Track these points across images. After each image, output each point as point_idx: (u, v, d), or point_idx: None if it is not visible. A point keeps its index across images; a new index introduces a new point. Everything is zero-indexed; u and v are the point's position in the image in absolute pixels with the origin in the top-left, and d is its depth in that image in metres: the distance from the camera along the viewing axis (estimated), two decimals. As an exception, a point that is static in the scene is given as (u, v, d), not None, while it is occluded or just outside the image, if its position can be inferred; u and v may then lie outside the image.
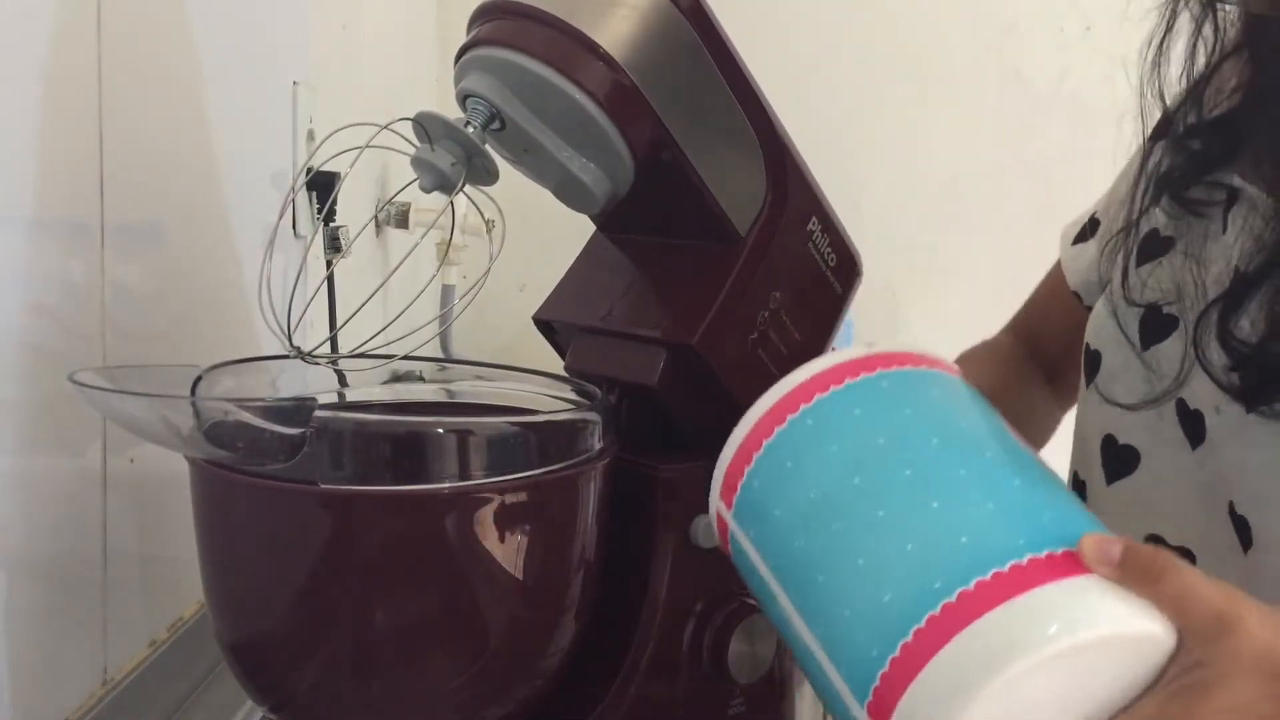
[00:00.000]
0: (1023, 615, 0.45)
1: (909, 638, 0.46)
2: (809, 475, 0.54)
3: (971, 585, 0.46)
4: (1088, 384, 0.76)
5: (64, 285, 0.71)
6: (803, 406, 0.55)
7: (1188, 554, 0.68)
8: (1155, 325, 0.71)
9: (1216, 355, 0.65)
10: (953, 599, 0.46)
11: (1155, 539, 0.69)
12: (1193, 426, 0.67)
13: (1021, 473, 0.51)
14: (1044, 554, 0.46)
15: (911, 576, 0.47)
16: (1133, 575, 0.46)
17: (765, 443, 0.56)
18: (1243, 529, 0.65)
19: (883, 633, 0.47)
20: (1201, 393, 0.67)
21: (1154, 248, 0.74)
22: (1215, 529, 0.66)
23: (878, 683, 0.46)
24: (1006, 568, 0.46)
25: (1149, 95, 0.83)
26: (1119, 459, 0.73)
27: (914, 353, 0.57)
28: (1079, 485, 0.77)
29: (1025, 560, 0.46)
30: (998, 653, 0.44)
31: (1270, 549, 0.64)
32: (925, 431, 0.53)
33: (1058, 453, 0.80)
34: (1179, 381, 0.68)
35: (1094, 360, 0.76)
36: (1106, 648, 0.46)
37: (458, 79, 0.71)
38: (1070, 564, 0.46)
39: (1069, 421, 0.86)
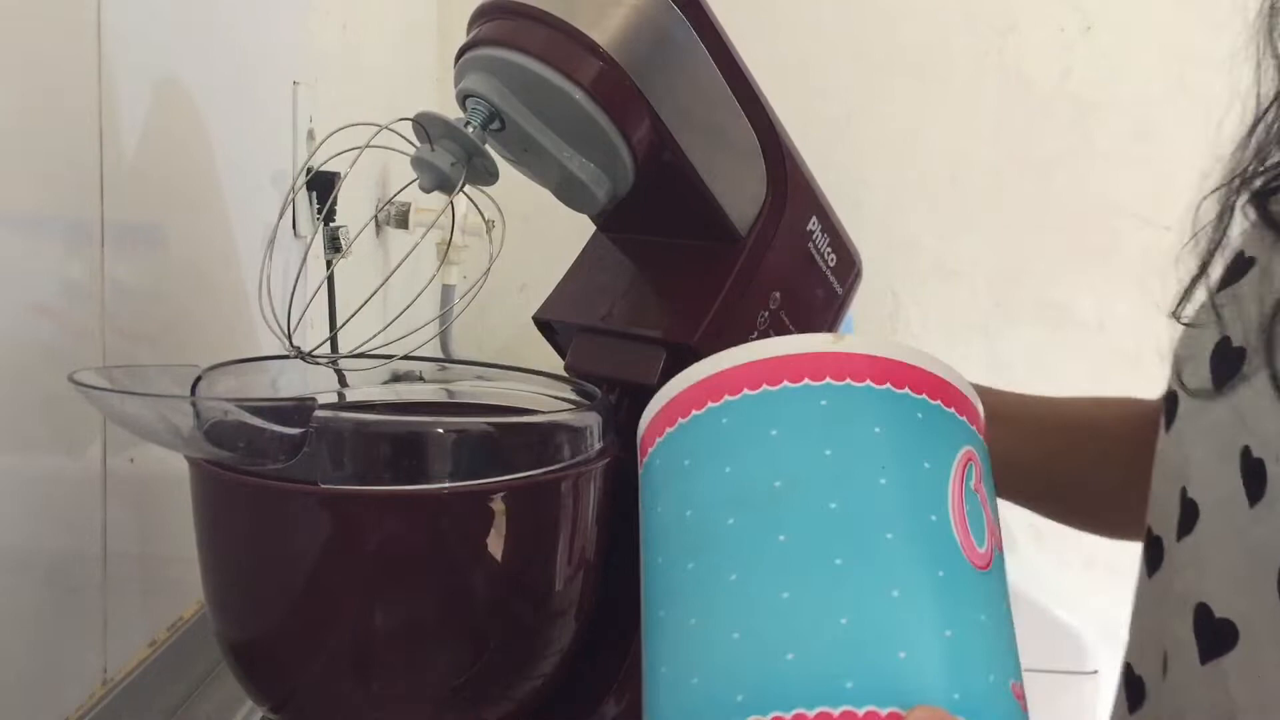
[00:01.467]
0: None
1: None
2: (694, 488, 0.47)
3: (767, 718, 0.40)
4: (1167, 429, 0.65)
5: (64, 285, 0.71)
6: (726, 398, 0.48)
7: (1232, 629, 0.57)
8: (1227, 359, 0.60)
9: None
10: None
11: (1204, 609, 0.59)
12: (1253, 477, 0.57)
13: (913, 578, 0.42)
14: (864, 710, 0.39)
15: (722, 674, 0.41)
16: None
17: (679, 421, 0.49)
18: None
19: (678, 716, 0.42)
20: (1269, 433, 0.56)
21: (1238, 268, 0.63)
22: (1260, 603, 0.56)
23: None
24: (813, 714, 0.39)
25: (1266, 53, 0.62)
26: (1186, 513, 0.62)
27: (894, 359, 0.48)
28: (1155, 544, 0.66)
29: (839, 712, 0.39)
30: None
31: None
32: (828, 488, 0.44)
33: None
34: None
35: (1171, 402, 0.65)
36: None
37: (457, 79, 0.71)
38: None
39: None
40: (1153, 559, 0.65)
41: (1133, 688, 0.68)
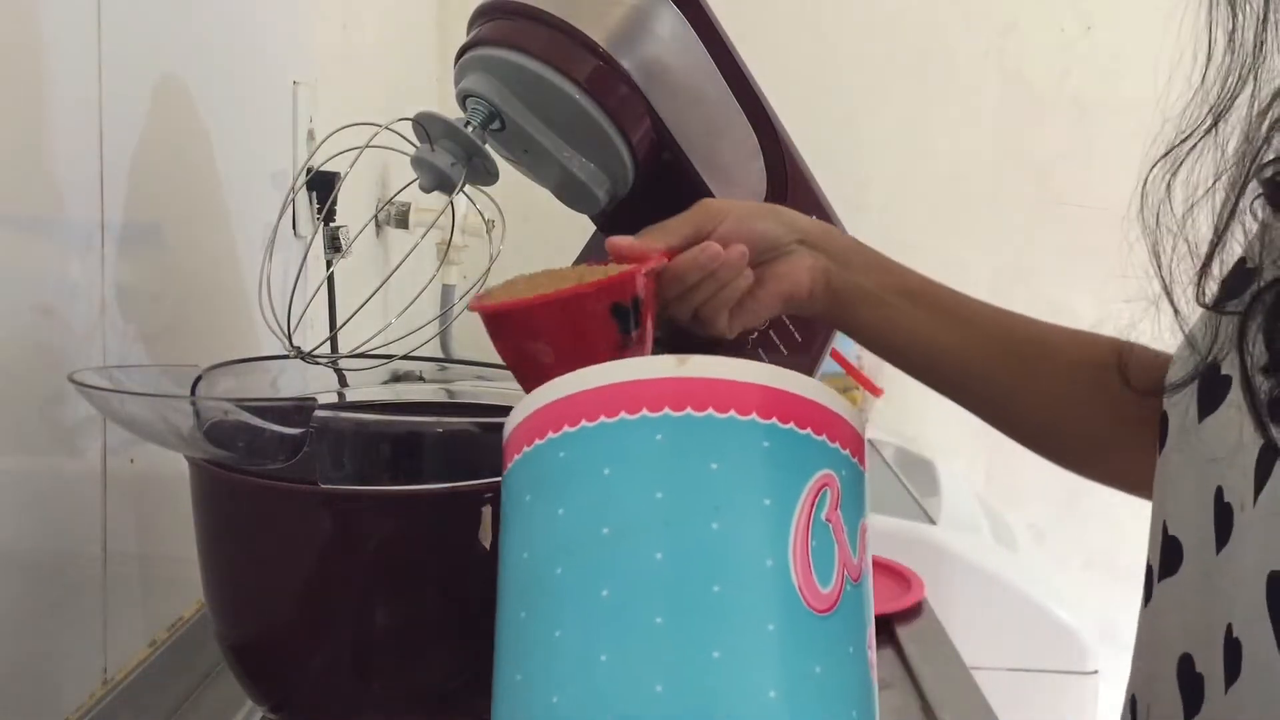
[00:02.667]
0: None
1: None
2: (531, 529, 0.45)
3: None
4: (1160, 449, 0.61)
5: (64, 285, 0.71)
6: (565, 429, 0.45)
7: (1201, 686, 0.53)
8: (1212, 388, 0.55)
9: (1260, 374, 0.49)
10: None
11: (1187, 660, 0.55)
12: (1223, 523, 0.53)
13: (738, 636, 0.40)
14: None
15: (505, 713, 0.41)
16: None
17: (525, 449, 0.47)
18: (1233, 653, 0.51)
19: None
20: (1237, 477, 0.51)
21: (1238, 283, 0.57)
22: (1215, 662, 0.52)
23: None
24: None
25: None
26: (1168, 552, 0.58)
27: (741, 381, 0.45)
28: (1148, 573, 0.62)
29: None
30: None
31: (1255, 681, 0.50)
32: (656, 536, 0.42)
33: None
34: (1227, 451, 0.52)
35: (1163, 426, 0.60)
36: None
37: (458, 79, 0.71)
38: None
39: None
40: (1146, 589, 0.62)
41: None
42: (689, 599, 0.41)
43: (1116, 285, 0.65)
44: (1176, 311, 0.59)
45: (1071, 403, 0.74)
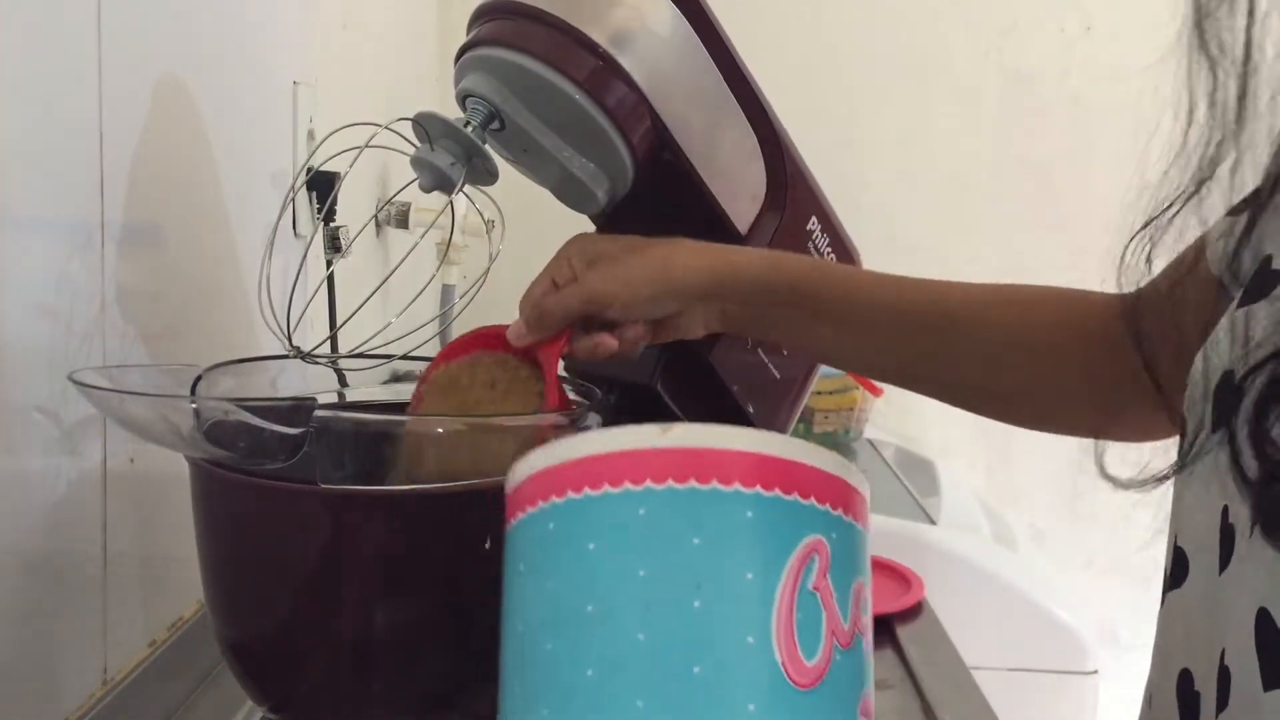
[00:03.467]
0: None
1: None
2: (524, 600, 0.45)
3: None
4: (1213, 430, 0.56)
5: (64, 285, 0.71)
6: (554, 499, 0.45)
7: (1193, 701, 0.52)
8: (1229, 396, 0.52)
9: (1248, 455, 0.47)
10: None
11: (1186, 677, 0.53)
12: (1227, 543, 0.50)
13: (710, 693, 0.41)
14: None
15: None
16: None
17: (519, 516, 0.47)
18: (1223, 682, 0.50)
19: None
20: (1239, 502, 0.49)
21: (1265, 282, 0.53)
22: (1211, 683, 0.51)
23: None
24: None
25: None
26: (1176, 563, 0.56)
27: (723, 449, 0.44)
28: (1165, 580, 0.60)
29: None
30: None
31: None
32: (638, 616, 0.42)
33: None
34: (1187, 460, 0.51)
35: (1182, 430, 0.57)
36: None
37: (457, 79, 0.71)
38: None
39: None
40: (1163, 595, 0.59)
41: None
42: (670, 681, 0.41)
43: (1115, 286, 0.64)
44: (1159, 388, 0.60)
45: (994, 365, 0.73)
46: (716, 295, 0.70)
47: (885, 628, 1.03)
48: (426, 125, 0.68)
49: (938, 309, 0.73)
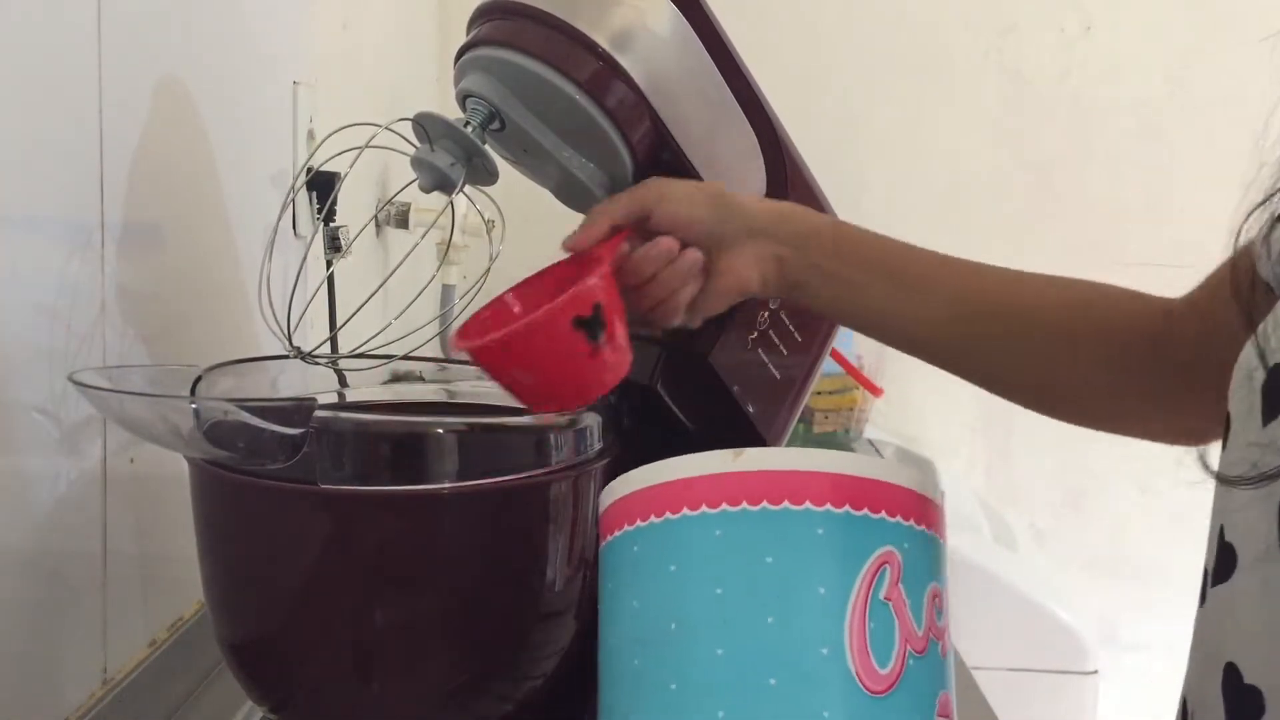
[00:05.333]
0: None
1: None
2: (614, 617, 0.48)
3: None
4: (1224, 447, 0.58)
5: (64, 285, 0.71)
6: (638, 523, 0.48)
7: (1257, 695, 0.52)
8: (1277, 392, 0.52)
9: None
10: None
11: (1232, 670, 0.54)
12: None
13: (783, 702, 0.43)
14: None
15: None
16: None
17: (609, 539, 0.50)
18: None
19: None
20: None
21: None
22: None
23: None
24: None
25: None
26: (1222, 558, 0.56)
27: (794, 471, 0.47)
28: (1205, 577, 0.59)
29: None
30: None
31: None
32: (717, 632, 0.45)
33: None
34: None
35: (1226, 424, 0.57)
36: None
37: (457, 79, 0.71)
38: None
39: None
40: (1201, 593, 0.59)
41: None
42: (748, 693, 0.43)
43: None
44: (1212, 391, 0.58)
45: (1061, 364, 0.72)
46: (773, 233, 0.69)
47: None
48: (426, 125, 0.68)
49: (997, 297, 0.73)
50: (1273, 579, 0.51)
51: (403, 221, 1.45)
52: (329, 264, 1.16)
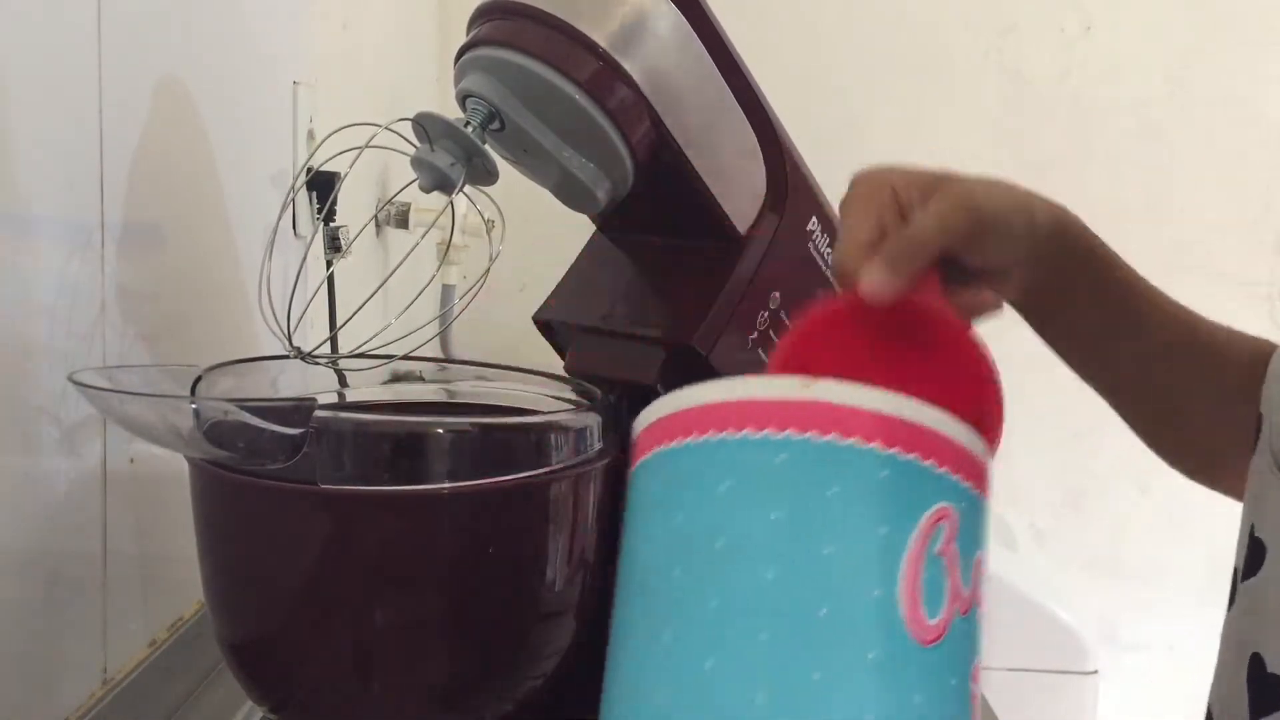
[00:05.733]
0: None
1: None
2: (652, 529, 0.47)
3: None
4: (1253, 449, 0.58)
5: (64, 285, 0.71)
6: (690, 439, 0.47)
7: (1269, 684, 0.52)
8: None
9: None
10: None
11: (1257, 660, 0.53)
12: None
13: (839, 660, 0.42)
14: None
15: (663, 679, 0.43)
16: None
17: (652, 451, 0.48)
18: None
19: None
20: None
21: None
22: None
23: None
24: None
25: None
26: (1253, 553, 0.56)
27: (865, 409, 0.45)
28: (1235, 575, 0.59)
29: None
30: None
31: None
32: (769, 556, 0.44)
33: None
34: None
35: (1258, 426, 0.58)
36: None
37: (457, 79, 0.71)
38: None
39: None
40: (1231, 593, 0.59)
41: None
42: (795, 620, 0.42)
43: None
44: None
45: (1223, 416, 0.65)
46: (1053, 246, 0.59)
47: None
48: (426, 125, 0.68)
49: (1197, 336, 0.66)
50: None
51: (403, 221, 1.45)
52: (329, 264, 1.16)
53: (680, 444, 0.46)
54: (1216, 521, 0.91)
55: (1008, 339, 0.73)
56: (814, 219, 0.80)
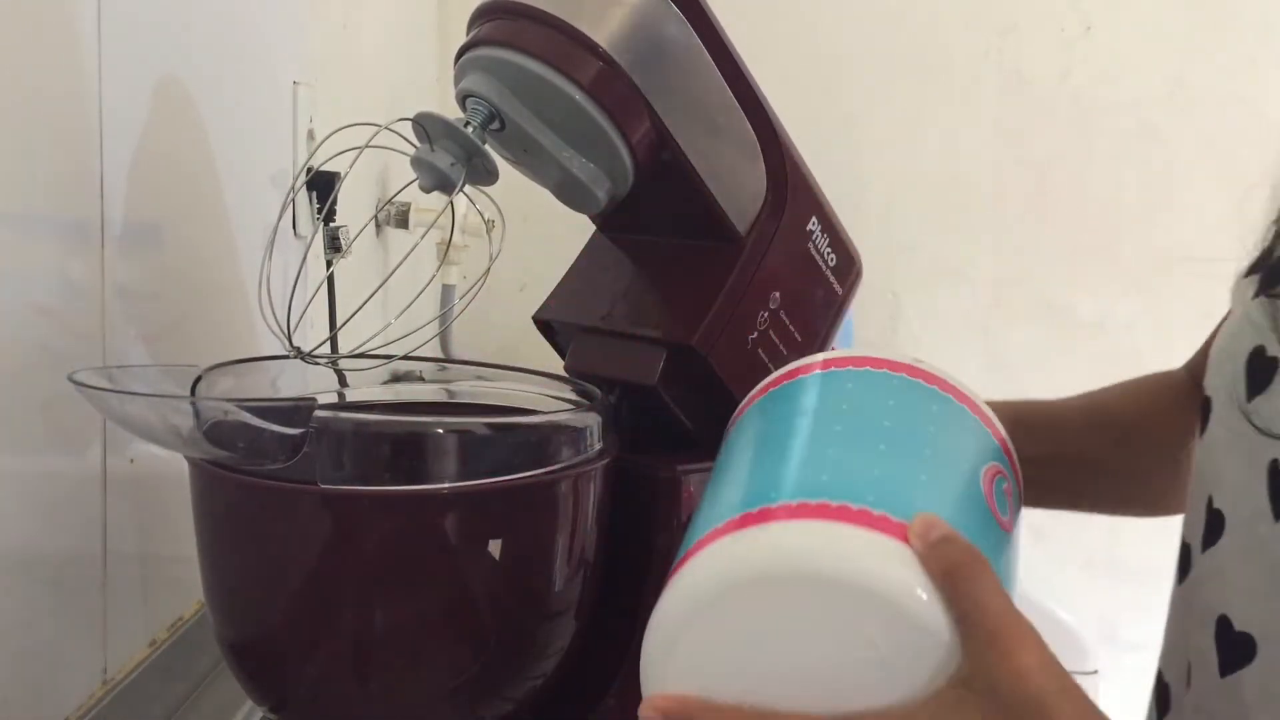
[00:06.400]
0: (818, 541, 0.47)
1: (736, 515, 0.50)
2: (771, 418, 0.59)
3: (797, 502, 0.49)
4: (1200, 433, 0.64)
5: (64, 285, 0.71)
6: (815, 372, 0.61)
7: (1250, 643, 0.57)
8: (1258, 371, 0.59)
9: None
10: (775, 504, 0.50)
11: (1224, 621, 0.59)
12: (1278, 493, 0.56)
13: (938, 476, 0.52)
14: (879, 512, 0.48)
15: (772, 481, 0.52)
16: (939, 564, 0.45)
17: (776, 387, 0.61)
18: None
19: (729, 505, 0.52)
20: None
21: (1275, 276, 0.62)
22: (1278, 618, 0.56)
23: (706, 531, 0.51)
24: (836, 504, 0.48)
25: None
26: (1211, 524, 0.61)
27: (944, 378, 0.59)
28: (1184, 550, 0.65)
29: (857, 508, 0.48)
30: (785, 555, 0.48)
31: None
32: (885, 414, 0.56)
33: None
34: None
35: (1205, 409, 0.64)
36: (875, 606, 0.46)
37: (457, 79, 0.71)
38: (898, 530, 0.47)
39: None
40: (1182, 566, 0.64)
41: (1161, 694, 0.67)
42: (907, 445, 0.53)
43: (1116, 285, 0.65)
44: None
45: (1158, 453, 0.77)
46: None
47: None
48: (426, 125, 0.68)
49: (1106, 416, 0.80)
50: (1263, 535, 0.56)
51: (403, 221, 1.45)
52: (329, 264, 1.16)
53: (801, 378, 0.59)
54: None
55: (1008, 339, 0.73)
56: (814, 219, 0.80)
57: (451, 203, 0.71)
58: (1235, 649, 0.57)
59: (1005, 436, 0.58)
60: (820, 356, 0.61)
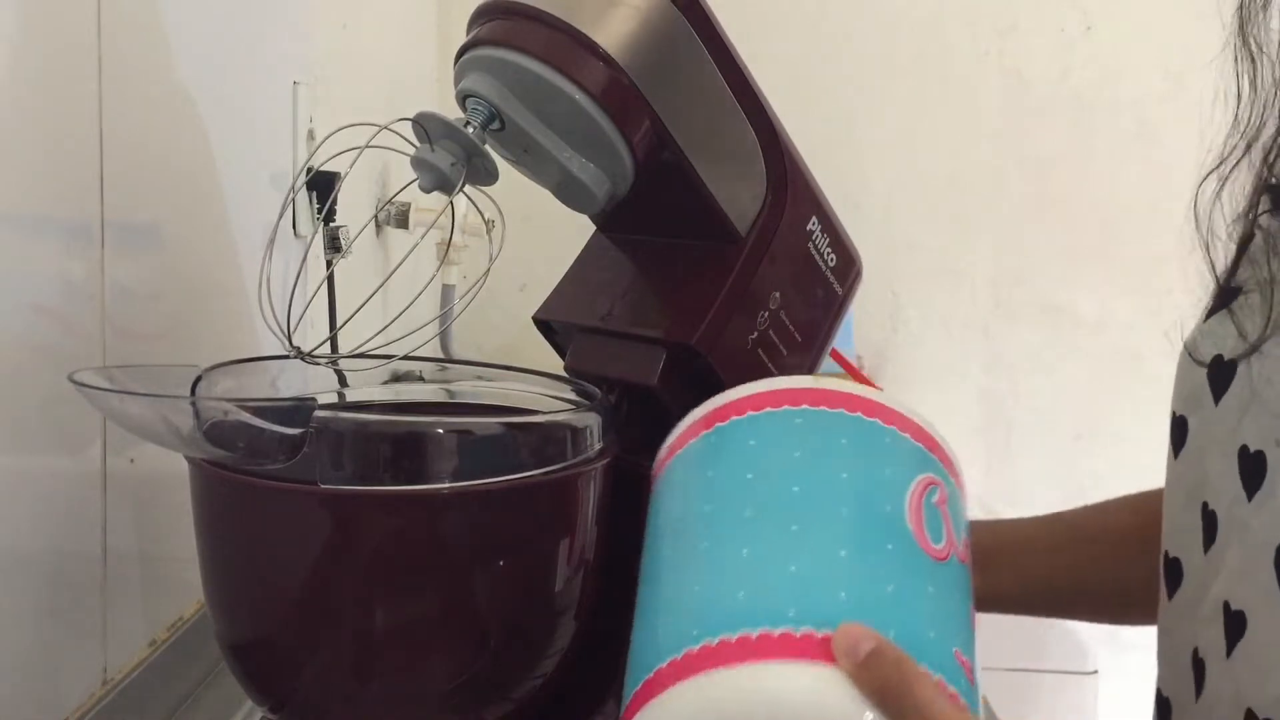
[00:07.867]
0: (744, 685, 0.45)
1: (663, 665, 0.47)
2: (686, 488, 0.56)
3: (717, 641, 0.46)
4: (1175, 455, 0.67)
5: (64, 285, 0.71)
6: (717, 424, 0.57)
7: (1242, 619, 0.59)
8: (1219, 379, 0.63)
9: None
10: (696, 648, 0.46)
11: (1226, 606, 0.61)
12: (1251, 474, 0.59)
13: (861, 543, 0.49)
14: (802, 632, 0.45)
15: (688, 613, 0.48)
16: (870, 685, 0.44)
17: (687, 444, 0.58)
18: None
19: (654, 651, 0.49)
20: (1263, 425, 0.59)
21: (1225, 297, 0.67)
22: (1259, 588, 0.58)
23: (637, 687, 0.48)
24: (756, 635, 0.45)
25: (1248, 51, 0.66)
26: (1208, 526, 0.63)
27: (851, 393, 0.55)
28: (1172, 566, 0.66)
29: (778, 633, 0.45)
30: (706, 711, 0.45)
31: None
32: (793, 477, 0.52)
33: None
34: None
35: (1180, 429, 0.66)
36: None
37: (457, 79, 0.71)
38: (824, 650, 0.45)
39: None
40: (1171, 581, 0.66)
41: (1162, 711, 0.67)
42: (820, 516, 0.50)
43: (1116, 285, 0.66)
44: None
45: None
46: None
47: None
48: (426, 125, 0.68)
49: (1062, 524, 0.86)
50: (1241, 516, 0.60)
51: (403, 221, 1.45)
52: (329, 264, 1.16)
53: (705, 434, 0.56)
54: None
55: (1008, 339, 0.73)
56: (814, 219, 0.80)
57: (451, 203, 0.71)
58: (1235, 628, 0.60)
59: (928, 430, 0.55)
60: (725, 399, 0.57)
